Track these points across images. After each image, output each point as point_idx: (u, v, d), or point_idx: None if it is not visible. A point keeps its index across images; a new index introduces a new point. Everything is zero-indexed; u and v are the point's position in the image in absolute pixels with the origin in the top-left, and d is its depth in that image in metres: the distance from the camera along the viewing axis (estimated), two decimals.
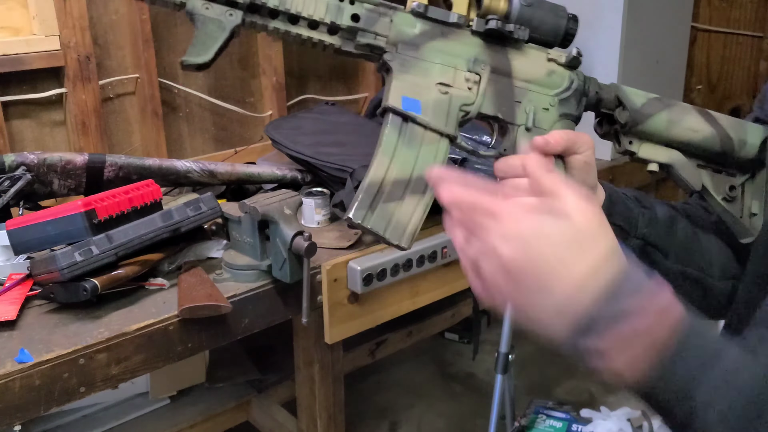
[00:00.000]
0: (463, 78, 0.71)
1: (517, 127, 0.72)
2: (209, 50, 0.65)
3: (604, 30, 1.97)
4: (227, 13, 0.66)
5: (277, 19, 0.68)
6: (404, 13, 0.71)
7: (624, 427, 1.89)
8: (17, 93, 1.68)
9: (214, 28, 0.65)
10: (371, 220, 0.67)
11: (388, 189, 0.68)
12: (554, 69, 0.74)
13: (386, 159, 0.68)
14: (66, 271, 1.12)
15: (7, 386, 1.01)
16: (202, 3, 0.65)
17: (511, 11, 0.71)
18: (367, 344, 2.10)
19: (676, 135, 0.78)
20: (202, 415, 1.84)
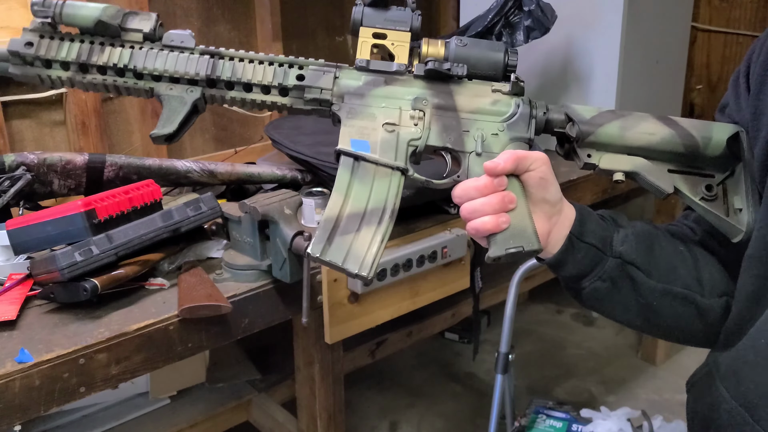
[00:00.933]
0: (408, 116, 0.77)
1: (468, 154, 0.77)
2: (173, 122, 0.74)
3: (604, 30, 1.97)
4: (188, 90, 0.76)
5: (234, 89, 0.77)
6: (349, 69, 0.80)
7: (624, 427, 1.89)
8: (17, 93, 1.68)
9: (177, 104, 0.75)
10: (329, 252, 0.73)
11: (343, 223, 0.74)
12: (499, 98, 0.78)
13: (340, 196, 0.74)
14: (66, 271, 1.12)
15: (7, 386, 1.01)
16: (166, 85, 0.75)
17: (448, 54, 0.78)
18: (367, 344, 2.10)
19: (632, 140, 0.79)
20: (202, 415, 1.84)
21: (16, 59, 0.74)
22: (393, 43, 0.78)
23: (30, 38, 0.74)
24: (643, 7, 1.99)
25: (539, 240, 0.75)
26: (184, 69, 0.75)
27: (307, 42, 2.23)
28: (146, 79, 0.75)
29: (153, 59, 0.75)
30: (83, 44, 0.75)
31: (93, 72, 0.75)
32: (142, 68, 0.75)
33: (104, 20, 0.73)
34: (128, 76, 0.75)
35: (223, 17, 2.02)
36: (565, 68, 2.09)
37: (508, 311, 1.78)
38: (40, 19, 0.74)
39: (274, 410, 1.87)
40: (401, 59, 0.78)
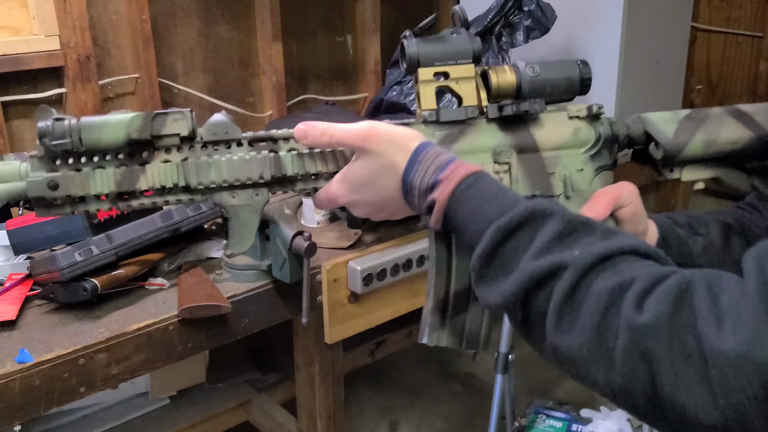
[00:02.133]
0: (493, 171, 0.71)
1: (557, 198, 0.73)
2: (249, 237, 0.68)
3: (604, 30, 1.97)
4: (254, 194, 0.67)
5: (301, 181, 0.70)
6: (417, 125, 0.71)
7: (624, 427, 1.89)
8: (17, 93, 1.68)
9: (247, 215, 0.67)
10: (445, 338, 0.70)
11: (452, 304, 0.69)
12: (579, 126, 0.73)
13: (443, 276, 0.69)
14: (66, 271, 1.12)
15: (7, 386, 1.01)
16: (227, 194, 0.66)
17: (521, 83, 0.71)
18: (367, 344, 2.10)
19: (716, 151, 0.76)
20: (202, 415, 1.84)
21: (40, 203, 0.62)
22: (458, 81, 0.69)
23: (50, 176, 0.60)
24: (643, 7, 1.99)
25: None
26: (246, 175, 0.65)
27: (307, 42, 2.23)
28: (202, 192, 0.66)
29: (206, 171, 0.64)
30: (117, 169, 0.62)
31: (137, 197, 0.64)
32: (196, 184, 0.64)
33: (134, 137, 0.62)
34: (178, 193, 0.65)
35: (223, 17, 2.02)
36: None
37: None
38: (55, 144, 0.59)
39: (274, 410, 1.87)
40: (469, 99, 0.70)
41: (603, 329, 0.49)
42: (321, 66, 2.29)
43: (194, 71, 2.00)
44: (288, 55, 2.14)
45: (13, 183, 0.62)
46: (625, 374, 0.48)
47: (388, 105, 1.98)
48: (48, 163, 0.62)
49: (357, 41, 2.35)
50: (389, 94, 1.98)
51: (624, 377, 0.49)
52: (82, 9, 1.69)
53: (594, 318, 0.50)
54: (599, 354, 0.49)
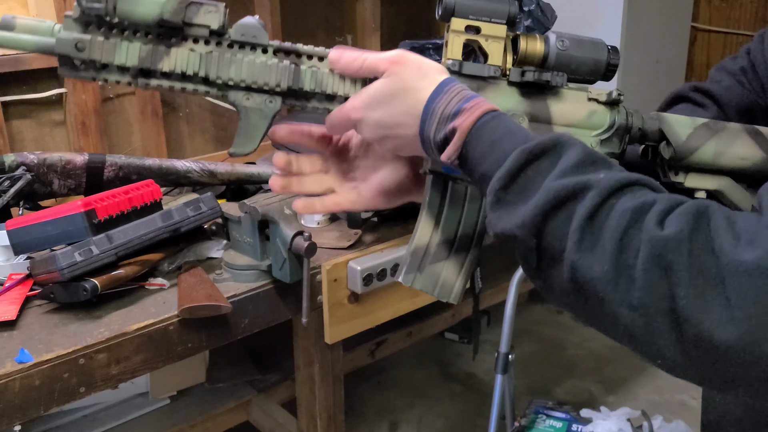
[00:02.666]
0: None
1: None
2: (255, 139, 0.69)
3: (604, 30, 1.97)
4: (267, 101, 0.68)
5: (314, 99, 0.70)
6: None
7: (624, 427, 1.89)
8: (17, 93, 1.68)
9: (257, 118, 0.69)
10: (420, 281, 0.70)
11: (434, 250, 0.70)
12: (595, 109, 0.74)
13: (431, 222, 0.70)
14: (66, 271, 1.12)
15: (7, 386, 1.01)
16: (242, 94, 0.68)
17: (548, 55, 0.71)
18: (367, 344, 2.10)
19: (724, 165, 0.76)
20: (202, 415, 1.84)
21: (66, 61, 0.64)
22: (487, 39, 0.70)
23: (79, 36, 0.63)
24: (643, 7, 1.99)
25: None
26: (264, 79, 0.67)
27: (307, 42, 2.22)
28: (219, 86, 0.68)
29: (227, 66, 0.67)
30: (144, 45, 0.65)
31: (157, 77, 0.66)
32: (215, 77, 0.67)
33: (166, 18, 0.64)
34: (197, 82, 0.68)
35: None
36: None
37: (508, 311, 1.78)
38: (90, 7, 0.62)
39: (274, 410, 1.87)
40: (495, 58, 0.70)
41: (625, 245, 0.50)
42: None
43: None
44: None
45: (44, 37, 0.64)
46: (644, 289, 0.48)
47: None
48: (81, 25, 0.64)
49: (357, 41, 2.35)
50: None
51: (643, 293, 0.49)
52: None
53: (616, 234, 0.50)
54: (620, 270, 0.50)
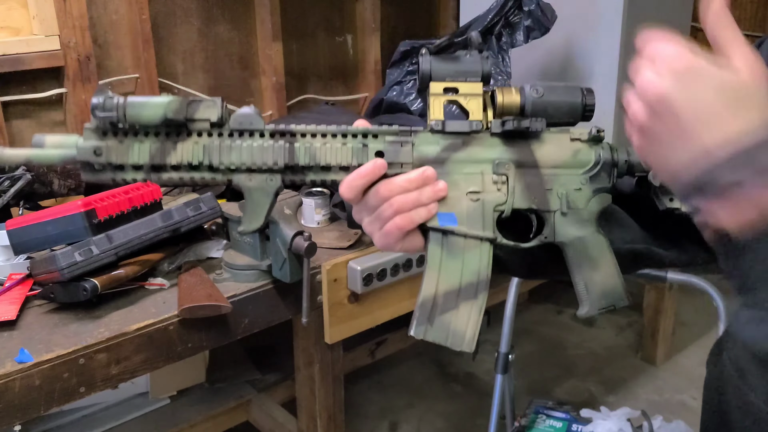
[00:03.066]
0: (491, 181, 0.74)
1: (553, 213, 0.75)
2: (260, 216, 0.72)
3: (604, 30, 1.97)
4: (268, 180, 0.73)
5: (312, 172, 0.73)
6: (424, 133, 0.74)
7: (624, 427, 1.89)
8: (17, 93, 1.68)
9: (260, 197, 0.73)
10: (431, 334, 0.73)
11: (441, 301, 0.73)
12: (579, 148, 0.76)
13: (434, 274, 0.73)
14: (66, 271, 1.12)
15: (7, 386, 1.01)
16: (245, 176, 0.73)
17: (525, 104, 0.74)
18: (367, 344, 2.10)
19: None
20: (202, 415, 1.84)
21: (87, 167, 0.71)
22: (466, 97, 0.74)
23: (97, 143, 0.71)
24: (643, 7, 1.99)
25: (629, 296, 0.75)
26: (262, 160, 0.72)
27: (307, 42, 2.23)
28: (223, 172, 0.72)
29: (228, 153, 0.72)
30: (153, 144, 0.71)
31: (167, 171, 0.72)
32: (218, 164, 0.72)
33: (170, 117, 0.71)
34: (203, 171, 0.72)
35: (223, 17, 2.02)
36: (565, 68, 2.09)
37: (508, 311, 1.78)
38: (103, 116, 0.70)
39: (274, 410, 1.87)
40: (475, 114, 0.74)
41: None
42: (321, 66, 2.29)
43: (194, 71, 2.00)
44: (288, 55, 2.14)
45: (68, 149, 0.71)
46: None
47: (388, 105, 1.98)
48: (98, 134, 0.71)
49: (357, 41, 2.35)
50: (389, 94, 1.98)
51: None
52: (82, 9, 1.69)
53: None
54: None
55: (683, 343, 2.62)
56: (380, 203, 0.72)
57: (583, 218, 0.75)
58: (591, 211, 0.76)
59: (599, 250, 0.75)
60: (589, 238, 0.76)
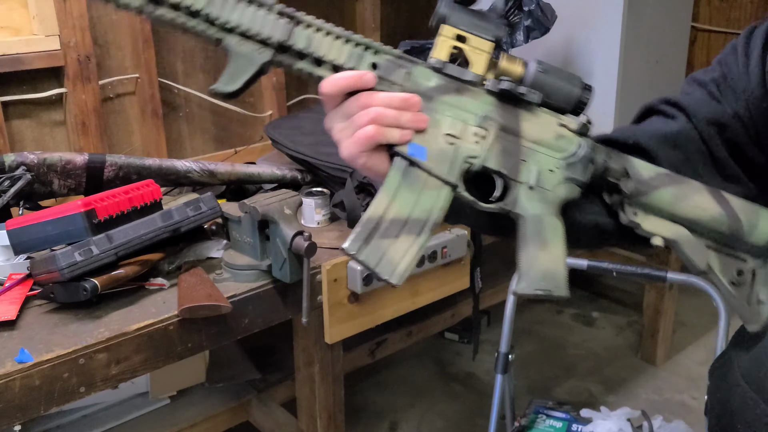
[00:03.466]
0: (471, 132, 0.74)
1: (519, 184, 0.75)
2: (237, 81, 0.71)
3: (604, 30, 1.97)
4: (258, 51, 0.71)
5: (304, 60, 0.72)
6: (423, 67, 0.74)
7: (624, 427, 1.89)
8: (17, 93, 1.68)
9: (245, 63, 0.71)
10: (364, 253, 0.72)
11: (384, 226, 0.72)
12: (564, 134, 0.76)
13: (386, 198, 0.72)
14: (66, 271, 1.12)
15: (7, 386, 1.01)
16: (237, 39, 0.71)
17: (526, 76, 0.75)
18: (367, 344, 2.10)
19: (682, 211, 0.77)
20: (202, 415, 1.84)
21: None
22: (472, 49, 0.74)
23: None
24: (643, 7, 1.99)
25: (567, 287, 0.74)
26: (259, 28, 0.70)
27: None
28: (218, 27, 0.71)
29: (230, 9, 0.70)
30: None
31: (165, 6, 0.69)
32: (216, 16, 0.70)
33: None
34: (200, 20, 0.70)
35: None
36: (565, 68, 2.08)
37: (508, 311, 1.78)
38: None
39: (274, 410, 1.87)
40: (477, 68, 0.74)
41: None
42: None
43: (194, 71, 2.00)
44: None
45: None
46: None
47: None
48: None
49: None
50: None
51: None
52: (82, 9, 1.69)
53: None
54: None
55: (683, 343, 2.62)
56: (357, 110, 0.70)
57: (547, 199, 0.75)
58: (557, 195, 0.76)
59: (553, 234, 0.75)
60: (546, 218, 0.75)
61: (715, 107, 0.81)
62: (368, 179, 1.45)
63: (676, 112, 0.84)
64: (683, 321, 2.71)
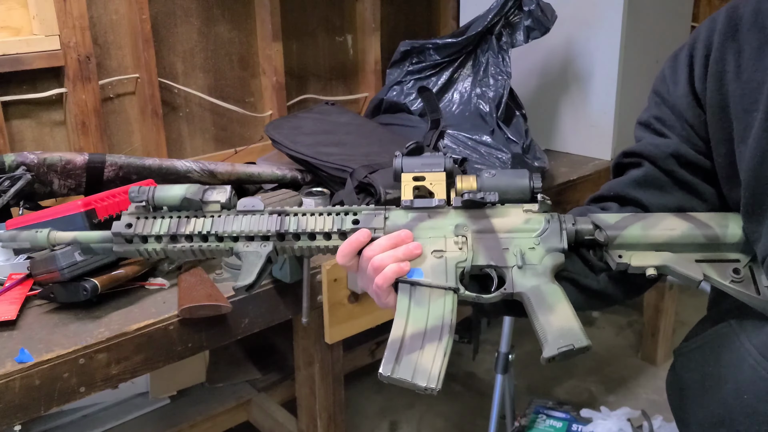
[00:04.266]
0: (453, 242, 0.86)
1: (510, 268, 0.85)
2: (252, 273, 0.84)
3: (604, 30, 1.97)
4: (262, 245, 0.87)
5: (300, 239, 0.87)
6: (396, 210, 0.88)
7: (624, 427, 1.89)
8: (17, 93, 1.68)
9: (254, 258, 0.86)
10: (398, 371, 0.79)
11: (408, 343, 0.81)
12: (530, 217, 0.87)
13: (402, 320, 0.82)
14: (66, 271, 1.12)
15: (7, 386, 1.01)
16: (243, 243, 0.87)
17: (481, 186, 0.87)
18: (367, 344, 2.10)
19: (655, 237, 0.86)
20: (202, 415, 1.84)
21: (119, 239, 0.87)
22: (431, 183, 0.88)
23: (128, 220, 0.88)
24: (643, 7, 1.99)
25: (587, 336, 0.80)
26: (257, 228, 0.86)
27: (307, 42, 2.23)
28: (226, 240, 0.87)
29: (231, 223, 0.87)
30: (172, 219, 0.87)
31: (182, 240, 0.86)
32: (222, 232, 0.86)
33: (188, 197, 0.87)
34: (211, 240, 0.87)
35: (223, 17, 2.02)
36: (565, 68, 2.09)
37: None
38: (136, 203, 0.88)
39: (274, 410, 1.87)
40: (440, 195, 0.88)
41: None
42: (321, 66, 2.29)
43: (194, 71, 2.00)
44: (288, 55, 2.14)
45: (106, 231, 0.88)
46: None
47: (388, 105, 1.98)
48: (132, 217, 0.89)
49: (357, 41, 2.35)
50: (389, 94, 1.98)
51: None
52: (82, 9, 1.69)
53: None
54: None
55: None
56: (366, 265, 0.84)
57: (538, 272, 0.84)
58: (546, 266, 0.85)
59: (555, 297, 0.82)
60: (544, 287, 0.83)
61: (664, 143, 0.92)
62: (368, 179, 1.46)
63: (639, 160, 0.94)
64: (683, 321, 2.71)
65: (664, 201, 0.91)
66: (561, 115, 2.13)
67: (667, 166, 0.91)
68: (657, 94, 0.95)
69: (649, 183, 0.92)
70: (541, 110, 2.14)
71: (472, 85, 1.92)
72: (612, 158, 2.03)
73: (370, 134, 1.74)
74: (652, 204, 0.92)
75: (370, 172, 1.46)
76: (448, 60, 1.94)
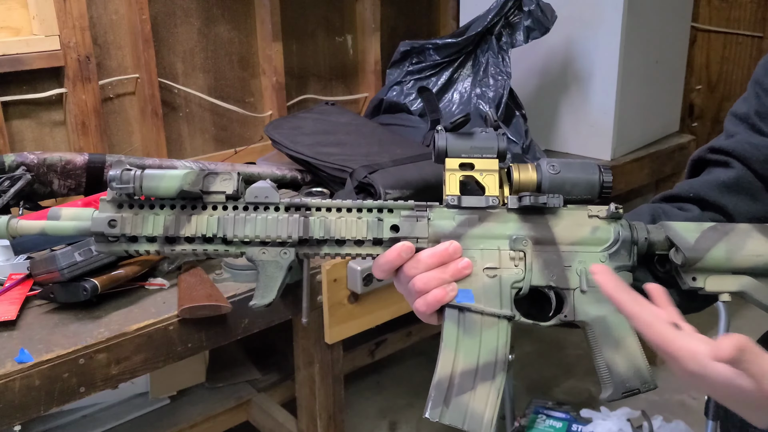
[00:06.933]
0: (508, 257, 0.73)
1: (572, 291, 0.74)
2: (273, 290, 0.73)
3: (604, 30, 1.97)
4: (281, 253, 0.72)
5: (326, 245, 0.73)
6: (440, 208, 0.74)
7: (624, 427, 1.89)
8: (17, 93, 1.68)
9: (273, 270, 0.73)
10: (448, 416, 0.69)
11: (457, 382, 0.70)
12: (598, 225, 0.75)
13: (450, 353, 0.71)
14: (66, 271, 1.12)
15: (7, 386, 1.01)
16: (258, 249, 0.72)
17: (542, 181, 0.74)
18: (367, 344, 2.10)
19: (740, 264, 0.75)
20: (202, 415, 1.84)
21: (101, 238, 0.71)
22: (482, 173, 0.74)
23: (112, 215, 0.70)
24: (643, 7, 1.99)
25: (653, 377, 0.73)
26: (276, 233, 0.71)
27: (307, 42, 2.23)
28: (236, 244, 0.72)
29: (242, 225, 0.71)
30: (168, 216, 0.71)
31: (181, 243, 0.71)
32: (232, 236, 0.71)
33: (186, 189, 0.70)
34: (217, 243, 0.72)
35: (223, 17, 2.02)
36: (565, 68, 2.09)
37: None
38: (119, 188, 0.70)
39: (274, 410, 1.87)
40: (491, 190, 0.74)
41: None
42: (321, 66, 2.29)
43: (194, 71, 2.00)
44: (288, 55, 2.14)
45: (83, 221, 0.71)
46: None
47: (388, 105, 1.98)
48: (114, 207, 0.71)
49: (357, 41, 2.35)
50: (389, 94, 1.98)
51: None
52: (82, 9, 1.69)
53: None
54: None
55: None
56: (406, 281, 0.72)
57: (604, 297, 0.69)
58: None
59: (621, 330, 0.73)
60: (610, 317, 0.73)
61: (765, 144, 0.81)
62: (368, 179, 1.46)
63: (729, 159, 0.83)
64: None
65: (754, 210, 0.81)
66: (561, 115, 2.13)
67: (764, 170, 0.80)
68: (759, 84, 0.82)
69: (741, 188, 0.81)
70: (541, 110, 2.14)
71: (472, 85, 1.92)
72: (612, 158, 2.04)
73: (370, 134, 1.74)
74: (739, 213, 0.81)
75: (370, 172, 1.46)
76: (448, 60, 1.95)
